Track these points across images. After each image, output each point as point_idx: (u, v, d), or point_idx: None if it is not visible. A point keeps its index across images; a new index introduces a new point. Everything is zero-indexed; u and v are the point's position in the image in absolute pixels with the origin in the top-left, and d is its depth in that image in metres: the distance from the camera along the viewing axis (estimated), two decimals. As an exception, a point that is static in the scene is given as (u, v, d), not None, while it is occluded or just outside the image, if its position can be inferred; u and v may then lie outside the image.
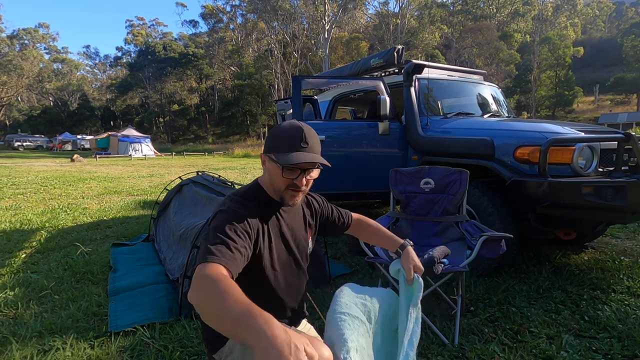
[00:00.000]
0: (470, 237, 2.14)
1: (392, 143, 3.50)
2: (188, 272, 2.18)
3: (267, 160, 1.17)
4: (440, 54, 36.67)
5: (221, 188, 3.01)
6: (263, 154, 1.19)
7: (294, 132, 1.13)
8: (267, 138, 1.19)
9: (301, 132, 1.12)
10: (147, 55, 51.69)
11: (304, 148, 1.12)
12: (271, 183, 1.18)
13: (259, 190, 1.21)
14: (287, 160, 1.09)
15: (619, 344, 1.82)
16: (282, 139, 1.13)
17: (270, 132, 1.20)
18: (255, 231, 1.10)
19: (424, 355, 1.77)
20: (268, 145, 1.17)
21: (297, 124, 1.15)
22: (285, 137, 1.12)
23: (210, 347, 1.20)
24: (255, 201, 1.16)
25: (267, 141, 1.18)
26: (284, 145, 1.12)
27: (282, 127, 1.16)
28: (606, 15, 52.80)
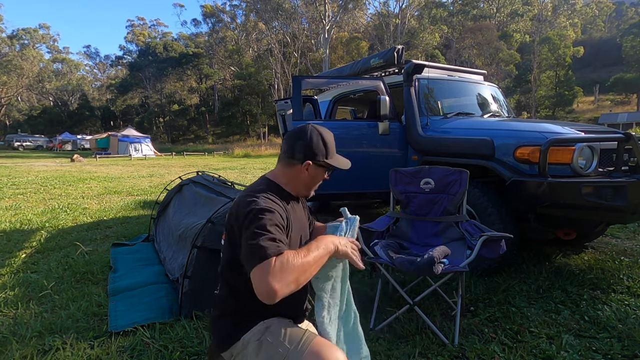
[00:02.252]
0: (470, 237, 2.14)
1: (392, 143, 3.50)
2: (188, 272, 2.18)
3: (314, 167, 1.30)
4: (440, 54, 36.67)
5: (221, 188, 3.01)
6: (310, 162, 1.29)
7: (331, 138, 1.36)
8: (310, 146, 1.29)
9: (332, 140, 1.35)
10: (148, 55, 51.68)
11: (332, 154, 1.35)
12: (308, 184, 1.33)
13: (275, 185, 1.29)
14: (339, 163, 1.34)
15: (619, 344, 1.82)
16: (330, 145, 1.33)
17: (310, 140, 1.30)
18: (286, 223, 1.19)
19: (424, 355, 1.77)
20: (315, 152, 1.29)
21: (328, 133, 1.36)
22: (332, 143, 1.34)
23: (221, 347, 1.23)
24: (278, 196, 1.24)
25: (311, 149, 1.29)
26: (331, 151, 1.34)
27: (322, 133, 1.33)
28: (606, 15, 52.79)
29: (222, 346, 1.23)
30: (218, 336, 1.25)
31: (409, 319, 2.06)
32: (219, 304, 1.28)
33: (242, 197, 1.23)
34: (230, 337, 1.20)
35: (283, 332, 1.16)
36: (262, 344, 1.14)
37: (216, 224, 2.24)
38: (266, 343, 1.14)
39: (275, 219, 1.12)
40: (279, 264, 0.99)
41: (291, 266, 1.00)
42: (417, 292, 2.36)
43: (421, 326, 1.98)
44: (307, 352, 1.09)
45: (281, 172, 1.32)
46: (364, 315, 2.14)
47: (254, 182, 1.33)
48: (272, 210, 1.14)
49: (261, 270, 0.98)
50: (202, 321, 2.10)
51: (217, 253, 2.22)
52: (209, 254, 2.21)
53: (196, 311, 2.16)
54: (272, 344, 1.13)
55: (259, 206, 1.14)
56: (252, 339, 1.16)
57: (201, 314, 2.16)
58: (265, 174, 1.36)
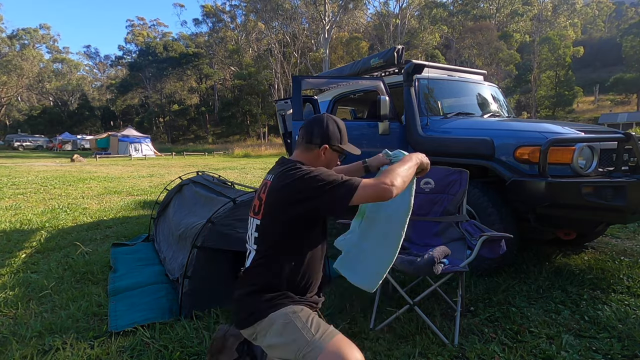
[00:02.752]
0: (470, 237, 2.14)
1: (392, 143, 3.50)
2: (188, 272, 2.18)
3: (331, 151, 1.45)
4: (440, 54, 36.66)
5: (221, 188, 3.01)
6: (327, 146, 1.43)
7: (345, 127, 1.50)
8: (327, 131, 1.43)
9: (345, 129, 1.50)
10: (148, 55, 51.65)
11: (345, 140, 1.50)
12: (326, 165, 1.44)
13: None
14: (352, 150, 1.50)
15: (619, 344, 1.82)
16: (343, 132, 1.48)
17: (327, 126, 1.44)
18: None
19: (424, 355, 1.77)
20: (331, 137, 1.44)
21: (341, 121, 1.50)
22: (345, 131, 1.49)
23: (246, 322, 1.29)
24: None
25: (328, 134, 1.43)
26: (344, 137, 1.49)
27: (339, 122, 1.48)
28: (606, 15, 52.78)
29: (247, 321, 1.28)
30: (246, 311, 1.29)
31: (409, 319, 2.06)
32: (251, 281, 1.33)
33: (285, 172, 1.32)
34: (260, 313, 1.26)
35: (310, 320, 1.23)
36: (288, 326, 1.21)
37: (216, 224, 2.24)
38: (292, 326, 1.21)
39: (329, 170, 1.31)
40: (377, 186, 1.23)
41: (395, 172, 1.29)
42: (417, 292, 2.36)
43: (421, 326, 1.98)
44: (329, 345, 1.15)
45: (300, 157, 1.43)
46: (364, 315, 2.15)
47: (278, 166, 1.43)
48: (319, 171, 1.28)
49: (365, 187, 1.23)
50: (202, 321, 2.10)
51: (217, 253, 2.23)
52: (209, 254, 2.22)
53: (196, 311, 2.16)
54: (298, 328, 1.19)
55: (308, 169, 1.29)
56: (279, 319, 1.22)
57: (201, 314, 2.16)
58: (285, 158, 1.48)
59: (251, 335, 1.29)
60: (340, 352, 1.14)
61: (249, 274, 1.35)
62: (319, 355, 1.14)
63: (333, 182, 1.24)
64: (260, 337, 1.26)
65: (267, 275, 1.30)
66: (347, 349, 1.15)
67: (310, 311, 1.30)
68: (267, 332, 1.24)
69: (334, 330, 1.23)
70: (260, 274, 1.31)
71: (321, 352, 1.14)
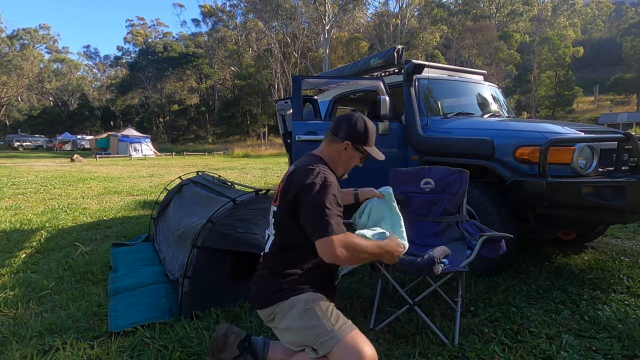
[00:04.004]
0: (470, 237, 2.14)
1: (392, 143, 3.50)
2: (188, 272, 2.18)
3: (352, 148, 1.47)
4: (440, 54, 36.65)
5: (221, 188, 3.01)
6: (349, 142, 1.46)
7: (374, 130, 1.52)
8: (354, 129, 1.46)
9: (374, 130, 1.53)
10: (148, 55, 51.67)
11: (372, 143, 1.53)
12: (345, 164, 1.50)
13: (324, 162, 1.45)
14: (376, 154, 1.51)
15: (619, 344, 1.82)
16: (370, 134, 1.49)
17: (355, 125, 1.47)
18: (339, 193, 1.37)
19: (424, 355, 1.77)
20: (357, 136, 1.47)
21: (373, 124, 1.53)
22: (373, 134, 1.51)
23: (265, 302, 1.35)
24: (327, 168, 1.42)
25: (354, 132, 1.46)
26: (370, 140, 1.50)
27: (367, 123, 1.49)
28: (606, 15, 52.80)
29: (268, 301, 1.34)
30: (269, 290, 1.35)
31: (409, 319, 2.05)
32: (270, 265, 1.39)
33: (300, 167, 1.38)
34: (282, 293, 1.32)
35: (330, 310, 1.30)
36: (309, 311, 1.26)
37: (216, 224, 2.24)
38: (313, 312, 1.26)
39: (334, 190, 1.31)
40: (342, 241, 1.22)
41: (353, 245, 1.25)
42: (417, 292, 2.36)
43: (421, 326, 1.98)
44: (347, 337, 1.21)
45: (325, 149, 1.49)
46: (364, 315, 2.15)
47: (303, 158, 1.48)
48: (331, 182, 1.32)
49: (326, 244, 1.21)
50: (202, 321, 2.09)
51: (217, 253, 2.23)
52: (209, 254, 2.22)
53: (196, 311, 2.16)
54: (318, 316, 1.25)
55: (320, 177, 1.31)
56: (300, 304, 1.28)
57: (201, 314, 2.16)
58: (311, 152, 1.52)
59: (269, 315, 1.34)
60: (356, 346, 1.19)
61: (267, 258, 1.41)
62: (335, 345, 1.20)
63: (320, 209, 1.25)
64: (279, 319, 1.31)
65: (285, 262, 1.36)
66: (363, 344, 1.20)
67: (328, 302, 1.35)
68: (286, 314, 1.29)
69: (352, 324, 1.28)
70: (279, 260, 1.37)
71: (338, 342, 1.20)
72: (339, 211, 1.31)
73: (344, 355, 1.18)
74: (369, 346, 1.21)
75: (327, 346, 1.21)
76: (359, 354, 1.17)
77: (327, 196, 1.28)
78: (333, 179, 1.37)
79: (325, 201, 1.27)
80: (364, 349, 1.18)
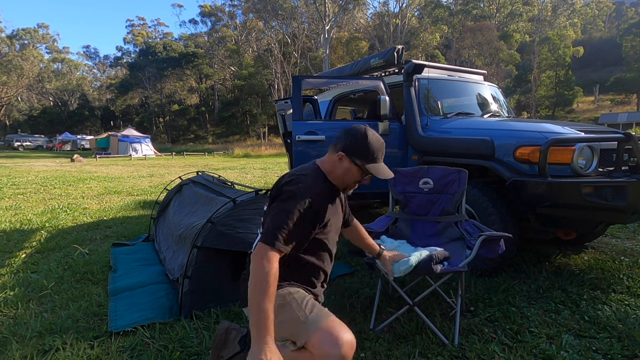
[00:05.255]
0: (470, 237, 2.14)
1: (392, 143, 3.50)
2: (188, 272, 2.18)
3: (348, 161, 1.38)
4: (440, 54, 36.66)
5: (221, 188, 3.01)
6: (344, 154, 1.38)
7: (379, 147, 1.41)
8: (352, 142, 1.39)
9: (383, 147, 1.43)
10: (148, 55, 51.64)
11: (382, 160, 1.42)
12: (342, 177, 1.42)
13: (321, 172, 1.42)
14: (377, 172, 1.38)
15: (619, 344, 1.82)
16: (371, 150, 1.38)
17: (354, 137, 1.39)
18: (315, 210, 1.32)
19: (424, 355, 1.77)
20: (353, 149, 1.38)
21: (380, 138, 1.43)
22: (374, 150, 1.39)
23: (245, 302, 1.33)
24: (324, 182, 1.40)
25: (351, 144, 1.38)
26: (371, 157, 1.39)
27: (370, 138, 1.39)
28: (606, 15, 52.81)
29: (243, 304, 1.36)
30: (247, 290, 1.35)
31: (409, 319, 2.05)
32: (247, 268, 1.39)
33: (290, 173, 1.39)
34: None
35: (306, 301, 1.31)
36: (284, 307, 1.28)
37: (216, 224, 2.24)
38: (288, 306, 1.28)
39: (300, 206, 1.26)
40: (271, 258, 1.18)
41: (260, 276, 1.17)
42: (417, 292, 2.36)
43: (421, 326, 1.98)
44: (323, 324, 1.22)
45: (325, 158, 1.45)
46: (364, 315, 2.15)
47: (303, 165, 1.46)
48: (305, 195, 1.27)
49: (262, 249, 1.19)
50: (202, 321, 2.10)
51: (217, 253, 2.23)
52: (209, 254, 2.22)
53: (196, 311, 2.16)
54: (293, 309, 1.26)
55: (297, 187, 1.29)
56: (277, 300, 1.27)
57: (201, 314, 2.16)
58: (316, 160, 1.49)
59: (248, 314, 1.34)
60: (333, 332, 1.19)
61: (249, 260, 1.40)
62: (312, 333, 1.20)
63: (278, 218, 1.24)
64: None
65: None
66: (340, 330, 1.21)
67: (306, 293, 1.35)
68: None
69: (328, 312, 1.29)
70: None
71: (315, 330, 1.20)
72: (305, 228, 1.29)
73: (322, 343, 1.18)
74: (347, 331, 1.21)
75: (304, 336, 1.21)
76: (337, 339, 1.17)
77: (292, 208, 1.25)
78: (317, 192, 1.32)
79: (287, 212, 1.24)
80: (341, 334, 1.18)
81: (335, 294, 2.43)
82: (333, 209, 1.42)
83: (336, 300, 2.34)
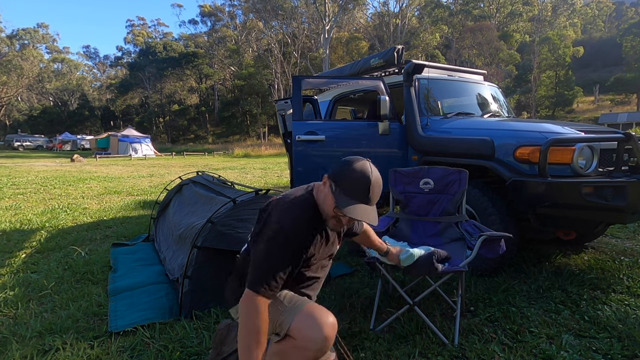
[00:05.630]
0: (470, 237, 2.14)
1: (392, 143, 3.50)
2: (188, 272, 2.18)
3: (329, 186, 1.25)
4: (440, 54, 36.66)
5: (221, 188, 3.01)
6: (329, 178, 1.26)
7: (363, 186, 1.21)
8: (340, 169, 1.25)
9: (368, 187, 1.21)
10: (148, 55, 51.64)
11: (367, 201, 1.22)
12: (322, 205, 1.28)
13: (313, 203, 1.30)
14: (347, 210, 1.19)
15: (619, 344, 1.82)
16: (352, 184, 1.21)
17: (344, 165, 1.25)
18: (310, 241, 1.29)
19: (424, 355, 1.77)
20: (338, 177, 1.24)
21: (369, 177, 1.22)
22: (356, 186, 1.21)
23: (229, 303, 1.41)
24: (313, 214, 1.29)
25: (338, 171, 1.25)
26: (352, 191, 1.21)
27: (356, 172, 1.22)
28: (606, 15, 52.82)
29: (230, 302, 1.39)
30: (229, 293, 1.40)
31: (409, 319, 2.05)
32: (236, 268, 1.42)
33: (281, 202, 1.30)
34: (235, 295, 1.33)
35: (283, 295, 1.31)
36: None
37: (216, 224, 2.24)
38: None
39: (284, 248, 1.21)
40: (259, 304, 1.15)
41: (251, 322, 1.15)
42: (417, 292, 2.36)
43: (421, 326, 1.98)
44: (303, 310, 1.23)
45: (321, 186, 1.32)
46: (364, 315, 2.15)
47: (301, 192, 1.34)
48: (286, 238, 1.21)
49: (250, 296, 1.16)
50: (202, 321, 2.10)
51: (217, 253, 2.23)
52: (209, 254, 2.22)
53: (196, 311, 2.16)
54: (272, 304, 1.24)
55: (280, 223, 1.22)
56: None
57: (201, 314, 2.16)
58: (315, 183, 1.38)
59: (235, 314, 1.37)
60: (313, 315, 1.21)
61: (237, 262, 1.43)
62: (292, 321, 1.22)
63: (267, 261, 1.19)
64: None
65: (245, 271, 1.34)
66: (319, 312, 1.22)
67: (285, 289, 1.35)
68: None
69: (307, 300, 1.30)
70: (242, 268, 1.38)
71: (295, 316, 1.22)
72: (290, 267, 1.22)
73: (304, 327, 1.19)
74: (327, 313, 1.22)
75: (285, 324, 1.22)
76: (317, 322, 1.18)
77: (275, 250, 1.20)
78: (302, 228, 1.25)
79: (271, 255, 1.19)
80: (321, 317, 1.19)
81: (335, 294, 2.43)
82: (320, 244, 1.36)
83: (336, 300, 2.34)
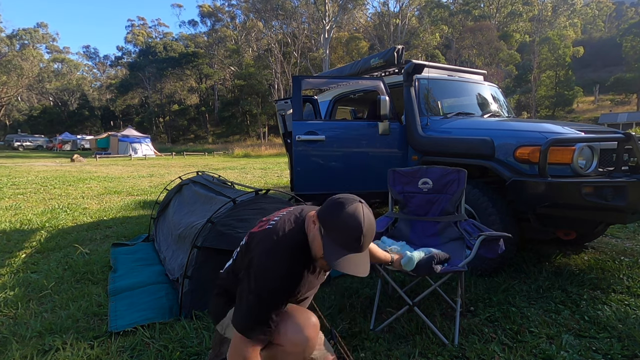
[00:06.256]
0: (469, 237, 2.14)
1: (392, 143, 3.50)
2: (188, 272, 2.18)
3: (318, 227, 1.18)
4: (440, 54, 36.66)
5: (221, 188, 3.01)
6: (318, 219, 1.18)
7: (355, 236, 1.12)
8: (330, 213, 1.16)
9: (360, 237, 1.12)
10: (148, 55, 51.64)
11: (355, 249, 1.14)
12: (311, 244, 1.22)
13: (302, 241, 1.24)
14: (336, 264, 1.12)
15: (619, 344, 1.82)
16: (343, 233, 1.13)
17: (335, 208, 1.16)
18: (299, 279, 1.27)
19: (424, 355, 1.77)
20: (327, 223, 1.16)
21: (360, 226, 1.13)
22: (346, 235, 1.13)
23: (215, 321, 1.43)
24: (301, 252, 1.23)
25: (328, 214, 1.17)
26: (342, 240, 1.13)
27: (347, 220, 1.13)
28: (606, 15, 52.83)
29: (215, 320, 1.42)
30: (212, 311, 1.43)
31: (409, 319, 2.05)
32: (219, 284, 1.42)
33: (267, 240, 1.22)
34: (220, 313, 1.38)
35: None
36: None
37: (216, 224, 2.24)
38: None
39: (272, 289, 1.17)
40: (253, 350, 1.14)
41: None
42: (417, 293, 2.36)
43: (421, 326, 1.98)
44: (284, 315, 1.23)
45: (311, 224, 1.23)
46: (364, 315, 2.15)
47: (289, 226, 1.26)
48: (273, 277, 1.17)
49: (239, 340, 1.16)
50: (202, 321, 2.09)
51: (217, 253, 2.23)
52: (209, 254, 2.21)
53: (196, 311, 2.16)
54: None
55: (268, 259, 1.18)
56: None
57: (201, 314, 2.16)
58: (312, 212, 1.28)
59: (221, 330, 1.41)
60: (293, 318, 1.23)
61: (221, 277, 1.43)
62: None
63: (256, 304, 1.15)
64: (228, 331, 1.37)
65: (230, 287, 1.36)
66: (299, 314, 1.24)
67: None
68: (227, 326, 1.33)
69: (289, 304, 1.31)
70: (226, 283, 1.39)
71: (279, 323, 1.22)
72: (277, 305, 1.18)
73: (286, 331, 1.21)
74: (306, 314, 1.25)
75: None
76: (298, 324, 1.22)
77: (263, 292, 1.15)
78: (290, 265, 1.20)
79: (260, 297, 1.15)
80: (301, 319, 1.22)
81: (335, 294, 2.43)
82: (308, 280, 1.32)
83: (336, 300, 2.34)
